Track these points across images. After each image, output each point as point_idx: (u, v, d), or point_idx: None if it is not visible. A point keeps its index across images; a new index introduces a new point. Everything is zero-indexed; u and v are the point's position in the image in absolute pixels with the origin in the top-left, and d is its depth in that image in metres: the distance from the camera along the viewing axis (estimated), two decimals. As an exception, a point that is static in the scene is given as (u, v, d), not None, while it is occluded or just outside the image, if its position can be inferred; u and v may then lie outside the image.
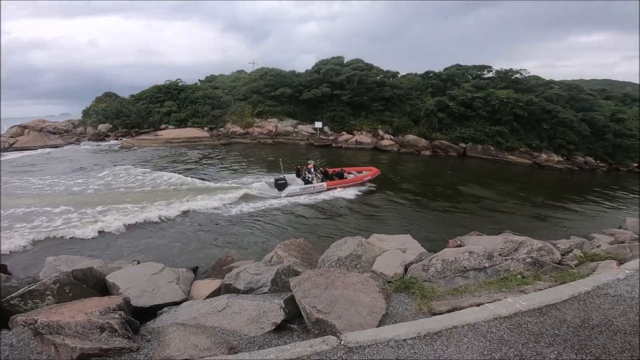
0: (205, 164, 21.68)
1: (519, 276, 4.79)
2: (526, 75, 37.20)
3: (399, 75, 41.55)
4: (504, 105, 31.69)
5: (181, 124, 34.09)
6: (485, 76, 38.64)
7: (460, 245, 6.79)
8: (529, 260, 5.25)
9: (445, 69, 38.89)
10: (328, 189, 15.09)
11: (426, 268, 5.14)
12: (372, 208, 14.11)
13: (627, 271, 4.52)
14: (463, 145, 31.47)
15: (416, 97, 36.60)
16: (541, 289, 4.09)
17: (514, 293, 4.07)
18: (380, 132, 32.78)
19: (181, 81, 40.69)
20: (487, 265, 5.16)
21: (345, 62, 39.34)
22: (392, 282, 4.58)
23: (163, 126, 34.36)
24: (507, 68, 37.96)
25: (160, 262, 5.97)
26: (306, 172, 15.66)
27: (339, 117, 34.42)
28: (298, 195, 14.37)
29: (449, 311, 3.60)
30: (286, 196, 14.18)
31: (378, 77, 37.01)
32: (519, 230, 10.62)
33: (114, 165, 19.96)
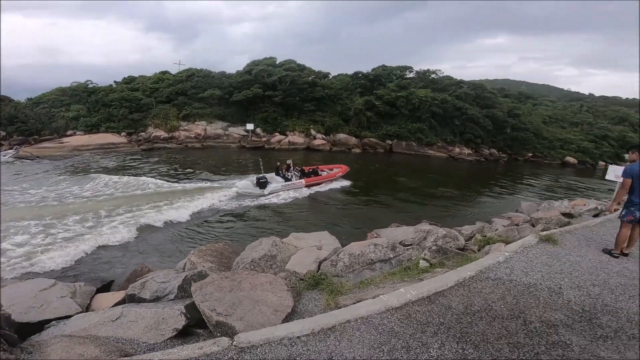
0: (125, 168, 19.71)
1: (423, 263, 5.01)
2: (441, 75, 41.15)
3: (330, 76, 42.71)
4: (423, 104, 34.55)
5: (92, 129, 30.38)
6: (407, 76, 41.63)
7: (377, 237, 7.13)
8: (434, 248, 5.52)
9: (373, 70, 40.91)
10: (306, 186, 16.02)
11: (335, 263, 5.22)
12: (303, 205, 14.22)
13: (506, 253, 4.71)
14: (389, 142, 33.55)
15: (346, 97, 37.97)
16: (435, 276, 4.19)
17: (414, 281, 4.18)
18: (313, 132, 33.26)
19: (92, 82, 36.41)
20: (391, 256, 5.37)
21: (277, 63, 39.10)
22: (304, 280, 4.60)
23: (70, 132, 30.32)
24: (426, 69, 41.65)
25: (52, 278, 5.49)
26: (285, 171, 16.42)
27: (271, 118, 34.08)
28: (279, 192, 15.07)
29: (354, 304, 3.62)
30: (269, 193, 14.74)
31: (310, 78, 37.49)
32: (435, 219, 11.22)
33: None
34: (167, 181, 16.81)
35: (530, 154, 36.24)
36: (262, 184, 15.13)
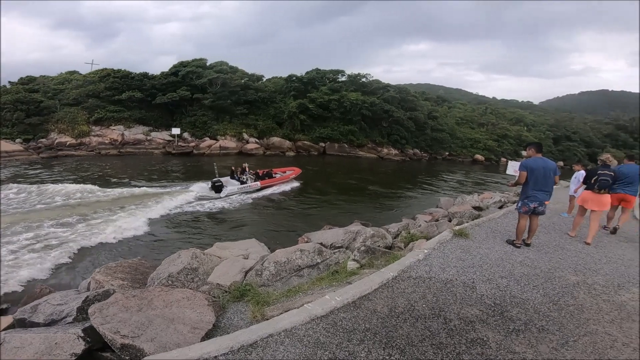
0: (25, 179, 16.77)
1: (353, 264, 5.01)
2: (370, 79, 43.25)
3: (264, 79, 42.26)
4: (354, 107, 36.06)
5: (-22, 136, 25.58)
6: (340, 80, 42.92)
7: (308, 242, 7.09)
8: (362, 248, 5.51)
9: (307, 73, 41.43)
10: (261, 188, 16.66)
11: (260, 273, 5.03)
12: (239, 211, 13.65)
13: (425, 251, 4.74)
14: (322, 144, 34.42)
15: (280, 100, 37.90)
16: (362, 279, 4.13)
17: (342, 285, 4.11)
18: (245, 135, 32.45)
19: (-23, 83, 30.69)
20: (319, 260, 5.31)
21: (208, 64, 37.45)
22: (229, 292, 4.37)
23: (-54, 141, 25.07)
24: (357, 72, 43.49)
25: None
26: (240, 174, 16.91)
27: (200, 122, 32.38)
28: (236, 194, 15.53)
29: (278, 316, 3.45)
30: (226, 196, 15.12)
31: (243, 81, 36.64)
32: (367, 218, 11.47)
33: None
34: (81, 191, 14.75)
35: (447, 153, 40.31)
36: (217, 187, 15.26)
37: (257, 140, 32.52)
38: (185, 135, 31.19)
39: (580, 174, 7.66)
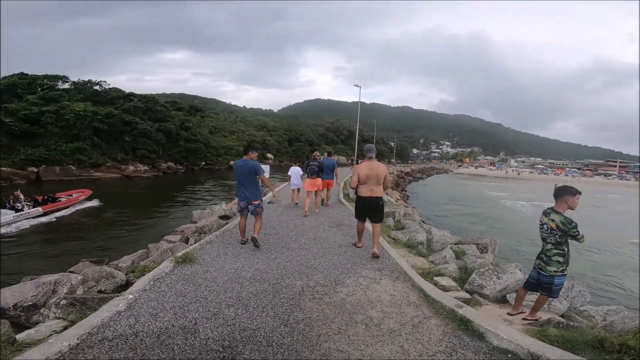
0: None
1: (56, 324, 3.85)
2: (107, 87, 37.60)
3: None
4: (82, 119, 30.13)
5: None
6: (60, 87, 35.43)
7: None
8: (64, 302, 4.18)
9: (4, 78, 31.55)
10: (45, 213, 15.76)
11: None
12: None
13: (130, 296, 3.52)
14: (34, 169, 26.19)
15: (-59, 112, 25.44)
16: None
17: None
18: None
19: None
20: None
21: None
22: None
23: None
24: (87, 79, 36.35)
25: None
26: (13, 202, 15.48)
27: None
28: (13, 222, 14.26)
29: None
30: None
31: None
32: (103, 253, 9.59)
33: None
34: None
35: (204, 163, 41.44)
36: None
37: None
38: None
39: (294, 169, 9.96)
